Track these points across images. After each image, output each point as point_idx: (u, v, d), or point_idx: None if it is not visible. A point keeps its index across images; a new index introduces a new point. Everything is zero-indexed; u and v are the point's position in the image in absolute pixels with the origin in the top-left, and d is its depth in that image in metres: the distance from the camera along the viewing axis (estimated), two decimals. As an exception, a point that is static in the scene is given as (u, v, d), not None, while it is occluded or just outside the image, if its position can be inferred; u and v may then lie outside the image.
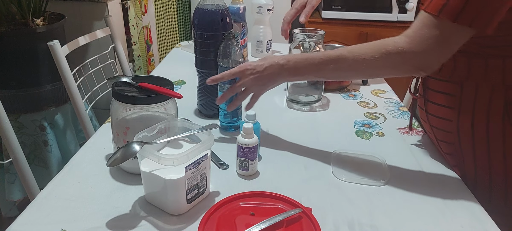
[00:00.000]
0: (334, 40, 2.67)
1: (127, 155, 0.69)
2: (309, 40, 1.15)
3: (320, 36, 1.16)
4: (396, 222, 0.74)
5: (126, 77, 0.86)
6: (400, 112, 1.20)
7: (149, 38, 2.43)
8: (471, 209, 0.78)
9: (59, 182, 0.83)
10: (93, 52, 1.78)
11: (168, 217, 0.74)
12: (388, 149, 1.00)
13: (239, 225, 0.70)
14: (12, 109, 1.72)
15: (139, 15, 2.30)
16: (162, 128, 0.79)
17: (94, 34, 1.58)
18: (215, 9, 1.01)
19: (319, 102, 1.22)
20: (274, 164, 0.92)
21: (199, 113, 1.15)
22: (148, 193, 0.77)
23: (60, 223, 0.71)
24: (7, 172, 1.72)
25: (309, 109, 1.20)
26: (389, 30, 2.66)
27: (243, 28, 1.54)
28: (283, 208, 0.75)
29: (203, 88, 1.11)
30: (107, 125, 1.06)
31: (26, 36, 1.68)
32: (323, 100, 1.25)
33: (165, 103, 0.83)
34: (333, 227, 0.72)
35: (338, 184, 0.85)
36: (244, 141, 0.83)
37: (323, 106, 1.23)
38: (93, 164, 0.89)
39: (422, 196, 0.82)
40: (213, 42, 1.02)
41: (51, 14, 1.86)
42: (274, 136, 1.04)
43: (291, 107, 1.21)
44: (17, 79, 1.70)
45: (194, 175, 0.73)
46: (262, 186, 0.83)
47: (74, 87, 1.37)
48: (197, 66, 1.09)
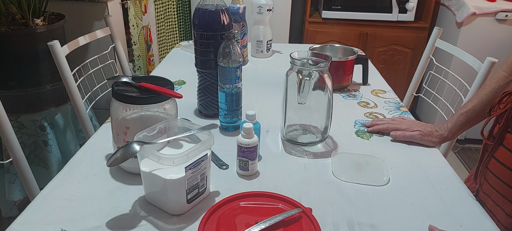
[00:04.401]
0: (334, 40, 2.67)
1: (127, 155, 0.69)
2: (312, 69, 0.93)
3: (327, 63, 0.93)
4: (395, 222, 0.74)
5: (126, 77, 0.86)
6: (400, 112, 1.20)
7: (149, 38, 2.43)
8: (471, 209, 0.78)
9: (59, 182, 0.83)
10: (93, 52, 1.78)
11: (168, 217, 0.74)
12: (388, 149, 1.00)
13: (239, 225, 0.70)
14: (12, 109, 1.72)
15: (139, 15, 2.30)
16: (162, 128, 0.79)
17: (94, 34, 1.58)
18: (215, 9, 1.01)
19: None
20: (274, 164, 0.92)
21: (199, 113, 1.15)
22: (148, 193, 0.77)
23: (60, 223, 0.71)
24: (7, 172, 1.72)
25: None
26: (389, 30, 2.66)
27: (243, 28, 1.54)
28: (283, 208, 0.75)
29: (203, 88, 1.11)
30: (107, 125, 1.07)
31: (26, 37, 1.68)
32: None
33: (165, 103, 0.83)
34: (333, 227, 0.72)
35: (338, 184, 0.85)
36: (244, 141, 0.83)
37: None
38: (93, 164, 0.89)
39: (422, 196, 0.82)
40: (213, 42, 1.02)
41: (51, 14, 1.86)
42: (274, 136, 1.04)
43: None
44: (17, 79, 1.70)
45: (194, 175, 0.73)
46: (262, 186, 0.83)
47: (74, 87, 1.37)
48: (197, 66, 1.09)
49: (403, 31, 2.67)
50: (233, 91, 1.02)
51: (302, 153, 0.97)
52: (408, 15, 2.63)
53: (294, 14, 2.89)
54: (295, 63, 0.93)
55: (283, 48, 1.81)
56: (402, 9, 2.61)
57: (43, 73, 1.74)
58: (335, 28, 2.68)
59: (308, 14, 2.71)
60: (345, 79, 1.35)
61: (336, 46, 1.44)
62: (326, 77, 0.94)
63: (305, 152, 0.97)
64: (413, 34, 2.67)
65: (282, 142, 1.01)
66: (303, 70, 0.93)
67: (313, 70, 0.93)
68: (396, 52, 2.72)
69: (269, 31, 1.67)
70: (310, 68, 0.93)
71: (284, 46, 1.85)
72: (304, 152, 0.97)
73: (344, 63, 1.32)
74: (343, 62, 1.32)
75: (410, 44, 2.69)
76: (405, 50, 2.71)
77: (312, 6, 2.88)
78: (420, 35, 2.67)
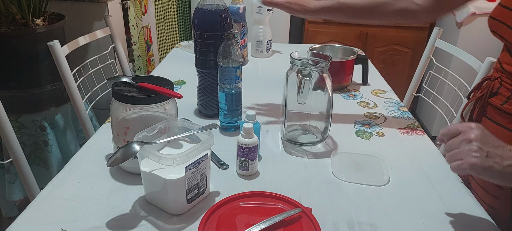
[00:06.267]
0: (334, 40, 2.67)
1: (127, 155, 0.69)
2: (312, 69, 0.93)
3: (327, 63, 0.93)
4: (395, 222, 0.74)
5: (126, 77, 0.86)
6: (400, 112, 1.20)
7: (149, 38, 2.43)
8: (471, 209, 0.79)
9: (59, 182, 0.83)
10: (93, 52, 1.78)
11: (168, 217, 0.74)
12: (388, 149, 1.00)
13: (239, 225, 0.70)
14: (12, 109, 1.72)
15: (139, 15, 2.30)
16: (162, 128, 0.79)
17: (94, 34, 1.58)
18: (215, 9, 1.01)
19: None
20: (274, 164, 0.92)
21: (199, 113, 1.15)
22: (148, 193, 0.77)
23: (60, 223, 0.71)
24: (8, 172, 1.72)
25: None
26: (389, 30, 2.66)
27: (243, 28, 1.54)
28: (283, 208, 0.75)
29: (203, 88, 1.11)
30: (107, 125, 1.07)
31: (26, 37, 1.68)
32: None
33: (165, 103, 0.83)
34: (333, 226, 0.72)
35: (338, 184, 0.85)
36: (244, 141, 0.83)
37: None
38: (93, 164, 0.89)
39: (422, 196, 0.82)
40: (213, 42, 1.02)
41: (51, 14, 1.86)
42: (274, 136, 1.04)
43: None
44: (17, 79, 1.70)
45: (194, 175, 0.73)
46: (262, 186, 0.83)
47: (74, 87, 1.37)
48: (197, 66, 1.09)
49: (403, 31, 2.67)
50: (233, 91, 1.02)
51: (302, 153, 0.97)
52: (408, 15, 2.63)
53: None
54: (295, 63, 0.93)
55: (283, 48, 1.81)
56: (402, 9, 2.61)
57: (43, 73, 1.74)
58: (335, 28, 2.68)
59: (308, 14, 2.70)
60: (345, 79, 1.35)
61: (336, 46, 1.44)
62: (326, 77, 0.94)
63: (305, 152, 0.97)
64: (413, 34, 2.67)
65: (282, 142, 1.01)
66: (303, 70, 0.93)
67: (313, 70, 0.93)
68: (396, 52, 2.72)
69: (269, 31, 1.67)
70: (310, 68, 0.93)
71: (284, 46, 1.85)
72: (304, 152, 0.97)
73: (344, 63, 1.32)
74: (343, 62, 1.32)
75: (410, 44, 2.69)
76: (405, 50, 2.71)
77: (312, 6, 2.88)
78: (420, 35, 2.67)
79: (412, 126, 1.12)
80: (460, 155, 0.67)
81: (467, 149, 0.66)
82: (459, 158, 0.66)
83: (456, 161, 0.67)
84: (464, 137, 0.67)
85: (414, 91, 1.65)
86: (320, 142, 1.01)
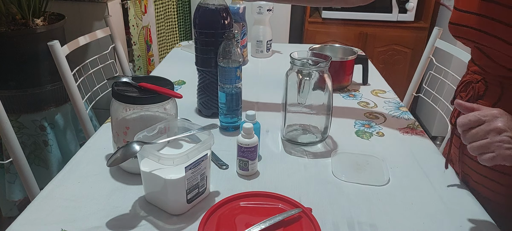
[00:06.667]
0: (334, 40, 2.67)
1: (127, 155, 0.69)
2: (312, 69, 0.92)
3: (327, 63, 0.92)
4: (395, 222, 0.74)
5: (126, 77, 0.86)
6: (400, 112, 1.20)
7: (149, 38, 2.43)
8: (471, 208, 0.79)
9: (59, 182, 0.83)
10: (93, 52, 1.78)
11: (168, 217, 0.74)
12: (388, 149, 1.00)
13: (239, 225, 0.70)
14: (12, 109, 1.72)
15: (139, 15, 2.30)
16: (162, 128, 0.79)
17: (94, 34, 1.58)
18: (216, 8, 1.01)
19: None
20: (274, 164, 0.92)
21: (199, 113, 1.15)
22: (148, 193, 0.77)
23: (60, 223, 0.71)
24: (8, 172, 1.72)
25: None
26: (389, 30, 2.66)
27: (243, 28, 1.54)
28: (283, 208, 0.75)
29: (203, 87, 1.11)
30: (107, 125, 1.07)
31: (26, 37, 1.68)
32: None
33: (165, 103, 0.83)
34: (333, 226, 0.72)
35: (338, 184, 0.85)
36: (244, 141, 0.83)
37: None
38: (93, 164, 0.89)
39: (422, 196, 0.82)
40: (214, 40, 1.03)
41: (51, 14, 1.86)
42: (274, 136, 1.04)
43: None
44: (17, 79, 1.70)
45: (194, 175, 0.73)
46: (262, 186, 0.83)
47: (74, 87, 1.37)
48: (197, 64, 1.09)
49: (403, 31, 2.67)
50: (233, 91, 1.02)
51: (302, 153, 0.97)
52: (408, 15, 2.63)
53: (294, 14, 2.88)
54: (295, 63, 0.93)
55: (283, 48, 1.81)
56: (402, 9, 2.61)
57: (43, 73, 1.74)
58: (335, 28, 2.68)
59: (308, 14, 2.71)
60: (345, 79, 1.35)
61: (336, 46, 1.44)
62: (326, 77, 0.94)
63: (305, 152, 0.97)
64: (413, 34, 2.67)
65: (282, 142, 1.01)
66: (303, 70, 0.93)
67: (313, 70, 0.93)
68: (396, 52, 2.72)
69: (269, 31, 1.67)
70: (310, 68, 0.93)
71: (284, 46, 1.85)
72: (304, 152, 0.97)
73: (344, 63, 1.32)
74: (343, 62, 1.32)
75: (410, 44, 2.69)
76: (405, 50, 2.71)
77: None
78: (420, 35, 2.67)
79: (412, 126, 1.12)
80: (491, 148, 0.65)
81: (498, 140, 0.64)
82: (489, 150, 0.65)
83: (485, 153, 0.65)
84: (490, 126, 0.65)
85: (414, 91, 1.65)
86: (320, 142, 1.01)
